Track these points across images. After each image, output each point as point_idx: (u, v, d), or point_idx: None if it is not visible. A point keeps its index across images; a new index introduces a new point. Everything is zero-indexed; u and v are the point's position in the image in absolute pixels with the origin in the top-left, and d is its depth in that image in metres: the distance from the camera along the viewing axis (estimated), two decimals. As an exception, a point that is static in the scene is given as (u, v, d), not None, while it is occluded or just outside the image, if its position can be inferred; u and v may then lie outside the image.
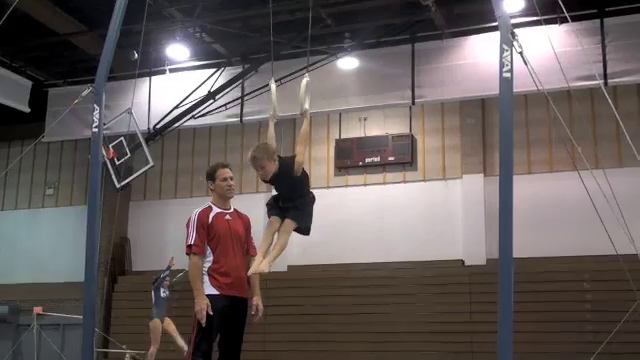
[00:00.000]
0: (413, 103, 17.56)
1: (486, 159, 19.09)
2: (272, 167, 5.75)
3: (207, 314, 5.73)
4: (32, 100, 19.64)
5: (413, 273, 18.75)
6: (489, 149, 19.08)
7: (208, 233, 5.94)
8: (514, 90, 5.27)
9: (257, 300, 6.06)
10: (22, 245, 23.33)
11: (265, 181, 5.83)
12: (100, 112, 5.86)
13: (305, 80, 5.86)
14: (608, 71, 15.38)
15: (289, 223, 5.72)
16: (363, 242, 19.33)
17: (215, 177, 6.16)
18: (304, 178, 5.85)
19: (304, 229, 5.86)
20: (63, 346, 20.74)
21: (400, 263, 19.02)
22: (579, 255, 17.45)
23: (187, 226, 6.05)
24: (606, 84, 15.15)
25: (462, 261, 18.84)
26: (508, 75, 5.13)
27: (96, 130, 5.93)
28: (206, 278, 5.96)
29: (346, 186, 20.45)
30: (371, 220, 19.62)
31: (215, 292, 5.92)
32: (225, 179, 6.14)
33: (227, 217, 6.01)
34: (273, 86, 6.08)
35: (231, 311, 5.91)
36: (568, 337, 16.43)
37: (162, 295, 15.22)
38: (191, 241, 5.93)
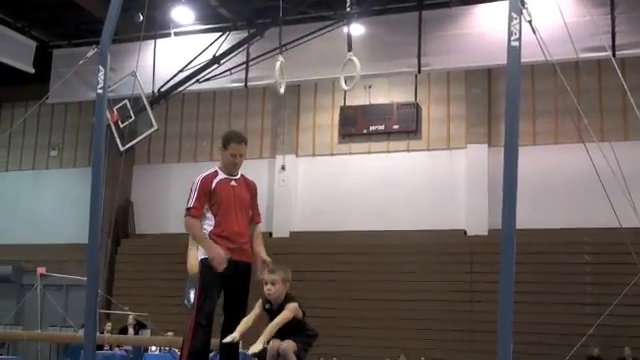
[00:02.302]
0: (419, 71, 17.42)
1: (491, 129, 19.02)
2: (281, 291, 5.67)
3: (211, 275, 5.73)
4: (36, 61, 19.55)
5: (415, 242, 18.80)
6: (494, 119, 19.00)
7: (210, 198, 5.92)
8: (521, 60, 5.21)
9: (263, 254, 6.02)
10: (26, 206, 23.40)
11: (265, 302, 5.69)
12: (105, 73, 5.82)
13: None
14: (617, 43, 15.23)
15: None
16: (365, 210, 19.36)
17: (228, 147, 6.07)
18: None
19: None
20: (66, 306, 20.88)
21: (402, 232, 19.07)
22: (581, 227, 17.47)
23: (190, 189, 6.04)
24: (614, 56, 15.01)
25: (464, 231, 18.88)
26: (516, 44, 5.07)
27: (101, 92, 5.89)
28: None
29: (350, 154, 20.42)
30: (374, 188, 19.62)
31: None
32: (235, 155, 6.04)
33: (232, 183, 5.96)
34: None
35: (234, 274, 5.91)
36: (568, 309, 16.53)
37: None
38: (190, 204, 5.92)
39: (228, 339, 5.49)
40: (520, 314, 5.30)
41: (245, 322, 5.66)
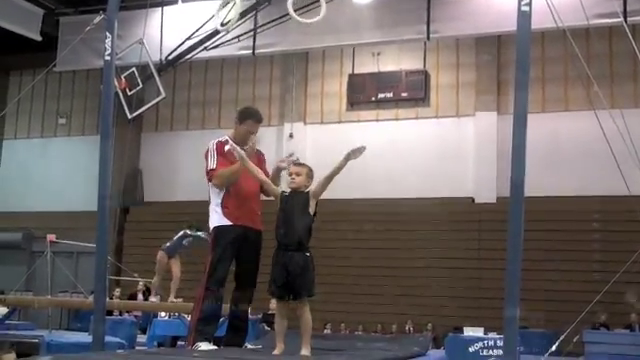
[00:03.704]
0: (428, 38, 17.27)
1: (500, 97, 18.91)
2: (303, 182, 5.51)
3: (223, 243, 5.78)
4: (43, 29, 19.48)
5: (423, 210, 18.82)
6: (503, 86, 18.87)
7: (225, 160, 5.99)
8: (532, 26, 5.16)
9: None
10: (35, 173, 23.48)
11: (279, 196, 5.42)
12: (112, 40, 5.80)
13: None
14: (628, 9, 15.04)
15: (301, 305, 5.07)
16: (374, 178, 19.32)
17: (244, 122, 6.10)
18: (311, 222, 5.29)
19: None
20: (77, 273, 21.02)
21: (411, 199, 19.07)
22: (590, 195, 17.43)
23: (205, 156, 6.06)
24: (626, 22, 14.83)
25: (472, 199, 18.88)
26: (527, 9, 5.02)
27: (108, 59, 5.87)
28: (219, 209, 5.99)
29: (358, 121, 20.35)
30: (382, 156, 19.54)
31: (227, 222, 5.97)
32: (250, 132, 6.07)
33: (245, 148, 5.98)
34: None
35: (244, 241, 5.95)
36: (576, 276, 16.55)
37: (184, 242, 14.89)
38: (212, 165, 5.99)
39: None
40: (528, 281, 5.32)
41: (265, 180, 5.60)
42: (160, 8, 17.66)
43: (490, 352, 11.39)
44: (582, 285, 15.13)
